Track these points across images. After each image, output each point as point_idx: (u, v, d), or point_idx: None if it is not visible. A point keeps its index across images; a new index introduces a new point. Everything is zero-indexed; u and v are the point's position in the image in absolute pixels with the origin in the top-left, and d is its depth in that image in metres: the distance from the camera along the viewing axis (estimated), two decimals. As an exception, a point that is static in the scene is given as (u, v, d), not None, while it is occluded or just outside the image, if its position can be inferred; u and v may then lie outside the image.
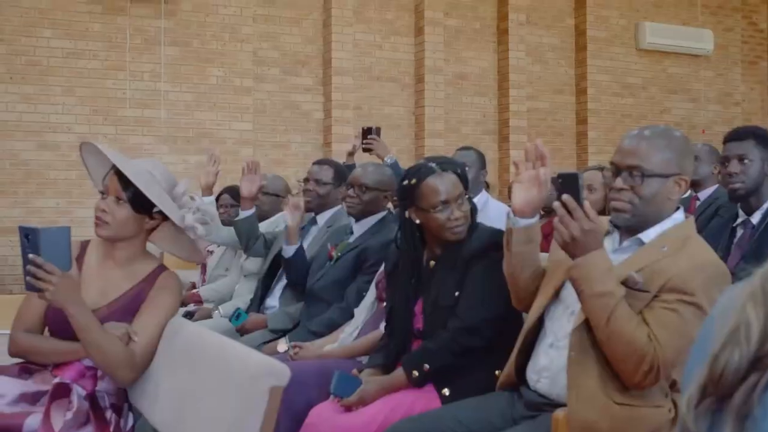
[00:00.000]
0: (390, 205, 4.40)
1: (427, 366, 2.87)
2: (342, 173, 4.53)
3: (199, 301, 5.27)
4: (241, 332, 4.27)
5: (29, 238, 2.52)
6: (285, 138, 10.10)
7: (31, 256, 2.50)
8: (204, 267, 5.77)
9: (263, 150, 9.95)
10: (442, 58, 10.74)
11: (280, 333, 4.31)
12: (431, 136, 10.47)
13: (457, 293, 2.94)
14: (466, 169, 3.24)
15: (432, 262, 3.08)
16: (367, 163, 4.29)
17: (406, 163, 5.33)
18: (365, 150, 5.20)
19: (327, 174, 4.55)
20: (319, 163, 4.71)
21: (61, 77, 9.11)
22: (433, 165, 3.09)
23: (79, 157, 3.04)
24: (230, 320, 4.36)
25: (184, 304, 5.52)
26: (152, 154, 9.15)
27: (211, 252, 5.66)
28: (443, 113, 10.65)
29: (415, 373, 2.88)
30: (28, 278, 2.52)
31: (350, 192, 4.11)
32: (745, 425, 1.03)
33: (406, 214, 3.08)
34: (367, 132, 5.20)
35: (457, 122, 10.86)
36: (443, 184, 3.05)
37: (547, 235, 4.10)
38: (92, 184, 3.09)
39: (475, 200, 4.81)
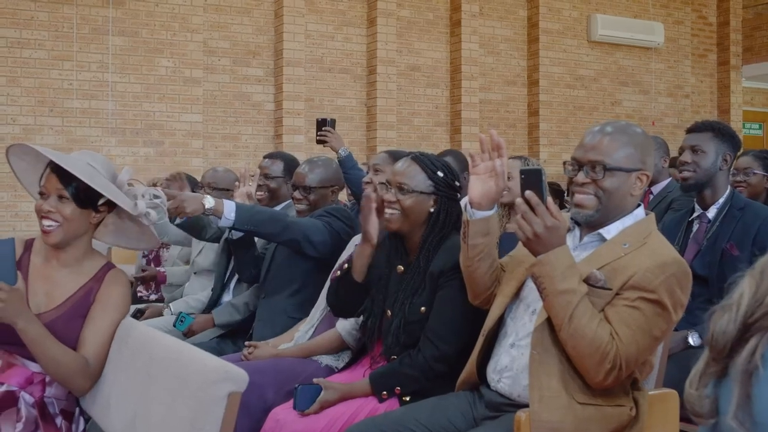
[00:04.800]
0: (344, 198, 4.33)
1: (399, 389, 2.83)
2: (293, 166, 4.44)
3: (163, 282, 5.22)
4: (188, 335, 4.17)
5: None
6: (235, 129, 10.00)
7: None
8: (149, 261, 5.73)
9: (213, 142, 9.85)
10: (394, 50, 10.71)
11: (229, 327, 4.25)
12: (383, 127, 10.44)
13: (423, 308, 2.89)
14: (455, 172, 3.13)
15: (401, 267, 3.02)
16: (311, 161, 4.19)
17: (358, 155, 5.30)
18: (319, 142, 5.12)
19: (277, 168, 4.46)
20: (269, 156, 4.62)
21: (5, 67, 8.92)
22: (413, 154, 3.08)
23: (14, 158, 2.91)
24: (174, 326, 4.24)
25: (155, 282, 5.43)
26: (100, 146, 9.02)
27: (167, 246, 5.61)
28: (395, 105, 10.62)
29: (385, 394, 2.84)
30: None
31: (296, 194, 4.04)
32: (750, 382, 1.17)
33: None
34: (321, 124, 5.12)
35: (410, 114, 10.84)
36: (397, 167, 3.03)
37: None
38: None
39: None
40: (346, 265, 3.03)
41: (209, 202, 3.51)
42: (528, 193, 2.36)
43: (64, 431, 2.68)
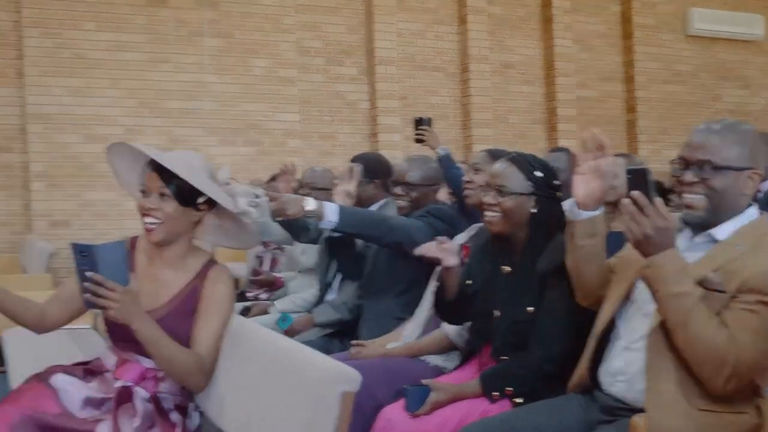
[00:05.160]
0: (444, 196, 4.30)
1: (510, 389, 2.81)
2: (372, 166, 4.40)
3: (281, 287, 5.29)
4: (290, 335, 4.21)
5: (84, 255, 2.47)
6: (332, 129, 10.08)
7: (89, 273, 2.46)
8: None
9: (310, 141, 9.95)
10: (486, 47, 10.66)
11: (329, 326, 4.28)
12: (479, 125, 10.40)
13: (530, 309, 2.87)
14: (554, 171, 3.10)
15: (507, 268, 3.01)
16: (412, 158, 4.18)
17: (453, 154, 5.28)
18: (417, 141, 5.12)
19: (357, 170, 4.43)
20: (352, 160, 4.60)
21: (106, 69, 9.17)
22: (510, 155, 3.06)
23: (114, 156, 2.96)
24: (276, 324, 4.29)
25: (272, 287, 5.50)
26: (201, 146, 9.19)
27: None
28: (490, 102, 10.57)
29: (497, 394, 2.82)
30: (86, 296, 2.48)
31: (398, 190, 4.02)
32: None
33: None
34: (419, 122, 5.14)
35: (505, 111, 10.77)
36: (495, 169, 3.01)
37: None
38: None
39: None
40: (437, 284, 3.02)
41: (310, 204, 3.51)
42: (635, 193, 2.31)
43: (179, 426, 2.72)
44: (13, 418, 2.48)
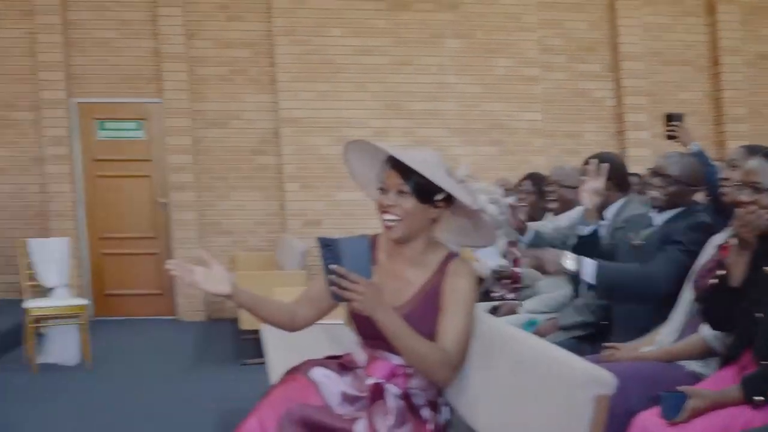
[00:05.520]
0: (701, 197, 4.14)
1: None
2: (609, 166, 4.24)
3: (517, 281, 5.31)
4: None
5: (329, 248, 2.53)
6: (577, 127, 9.94)
7: (333, 266, 2.52)
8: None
9: (555, 140, 9.85)
10: (738, 38, 10.17)
11: (574, 329, 4.21)
12: (733, 121, 9.94)
13: None
14: None
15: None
16: (674, 153, 4.04)
17: (706, 151, 5.09)
18: (669, 137, 4.99)
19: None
20: (594, 156, 4.45)
21: (352, 74, 9.48)
22: (765, 150, 2.92)
23: (353, 155, 3.02)
24: (523, 328, 4.27)
25: (512, 280, 5.52)
26: (444, 146, 9.32)
27: None
28: (745, 96, 10.06)
29: (759, 399, 2.67)
30: (332, 288, 2.54)
31: (655, 181, 3.89)
32: None
33: None
34: (670, 118, 5.01)
35: (761, 105, 10.23)
36: (749, 165, 2.87)
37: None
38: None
39: None
40: (718, 274, 2.88)
41: (570, 264, 3.51)
42: None
43: (431, 422, 2.74)
44: (280, 410, 2.59)
